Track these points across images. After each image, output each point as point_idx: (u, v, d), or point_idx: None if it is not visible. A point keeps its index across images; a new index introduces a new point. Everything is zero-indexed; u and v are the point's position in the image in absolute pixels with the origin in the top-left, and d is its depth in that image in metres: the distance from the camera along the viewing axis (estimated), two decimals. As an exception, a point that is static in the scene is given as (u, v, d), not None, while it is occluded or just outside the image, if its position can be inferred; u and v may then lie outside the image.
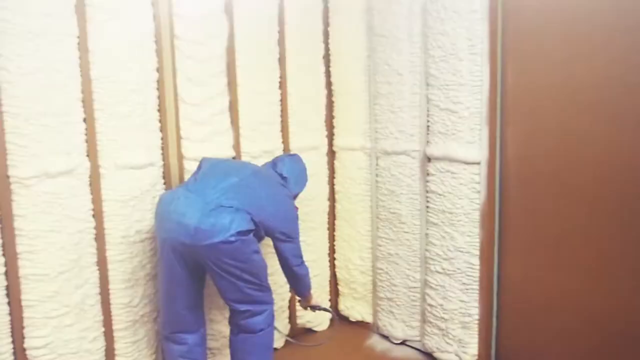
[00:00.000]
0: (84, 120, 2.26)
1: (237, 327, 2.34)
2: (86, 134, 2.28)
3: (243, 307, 2.28)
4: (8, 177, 2.06)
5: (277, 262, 2.57)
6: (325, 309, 2.87)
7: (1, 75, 2.02)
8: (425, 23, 2.73)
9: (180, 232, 2.15)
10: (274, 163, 2.68)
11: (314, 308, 2.85)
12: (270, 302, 2.38)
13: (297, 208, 2.61)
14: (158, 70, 2.47)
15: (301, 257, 2.57)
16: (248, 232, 2.19)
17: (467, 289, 2.70)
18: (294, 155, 2.82)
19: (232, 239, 2.12)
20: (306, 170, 2.77)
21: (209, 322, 2.70)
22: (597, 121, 2.26)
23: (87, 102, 2.26)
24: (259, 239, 2.35)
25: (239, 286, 2.24)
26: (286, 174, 2.60)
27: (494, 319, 2.73)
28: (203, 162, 2.48)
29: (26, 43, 2.04)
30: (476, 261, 2.65)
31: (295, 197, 2.68)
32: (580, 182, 2.34)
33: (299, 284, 2.64)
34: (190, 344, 2.38)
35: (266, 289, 2.35)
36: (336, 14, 3.19)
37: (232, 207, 2.18)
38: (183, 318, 2.34)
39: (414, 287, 2.99)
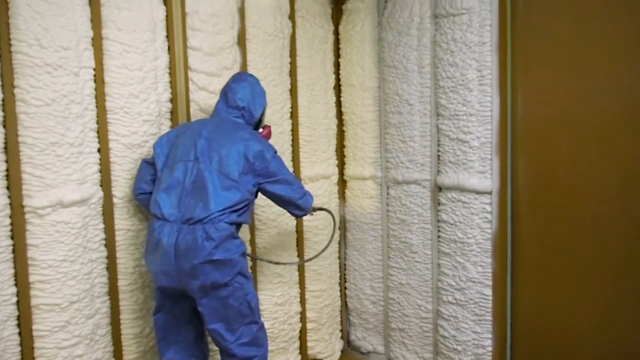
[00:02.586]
0: (98, 150, 2.29)
1: None
2: (100, 164, 2.30)
3: (228, 345, 2.14)
4: (23, 207, 2.08)
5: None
6: (321, 209, 2.71)
7: (18, 106, 2.04)
8: (435, 54, 2.76)
9: (163, 263, 2.10)
10: (224, 98, 2.37)
11: (313, 210, 2.63)
12: (261, 345, 2.22)
13: (267, 132, 2.45)
14: (172, 101, 2.51)
15: (301, 187, 2.35)
16: (229, 237, 2.08)
17: (480, 320, 2.67)
18: (238, 75, 2.46)
19: (212, 257, 2.04)
20: (258, 83, 2.43)
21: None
22: (607, 150, 2.26)
23: (102, 133, 2.28)
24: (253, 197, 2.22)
25: (224, 314, 2.12)
26: (240, 103, 2.33)
27: (508, 351, 2.68)
28: (156, 158, 2.29)
29: (43, 75, 2.07)
30: (489, 292, 2.63)
31: (261, 119, 2.45)
32: (593, 211, 2.32)
33: (304, 211, 2.42)
34: None
35: (254, 323, 2.20)
36: (347, 45, 3.23)
37: (202, 219, 2.07)
38: (178, 353, 2.27)
39: (426, 318, 2.96)
